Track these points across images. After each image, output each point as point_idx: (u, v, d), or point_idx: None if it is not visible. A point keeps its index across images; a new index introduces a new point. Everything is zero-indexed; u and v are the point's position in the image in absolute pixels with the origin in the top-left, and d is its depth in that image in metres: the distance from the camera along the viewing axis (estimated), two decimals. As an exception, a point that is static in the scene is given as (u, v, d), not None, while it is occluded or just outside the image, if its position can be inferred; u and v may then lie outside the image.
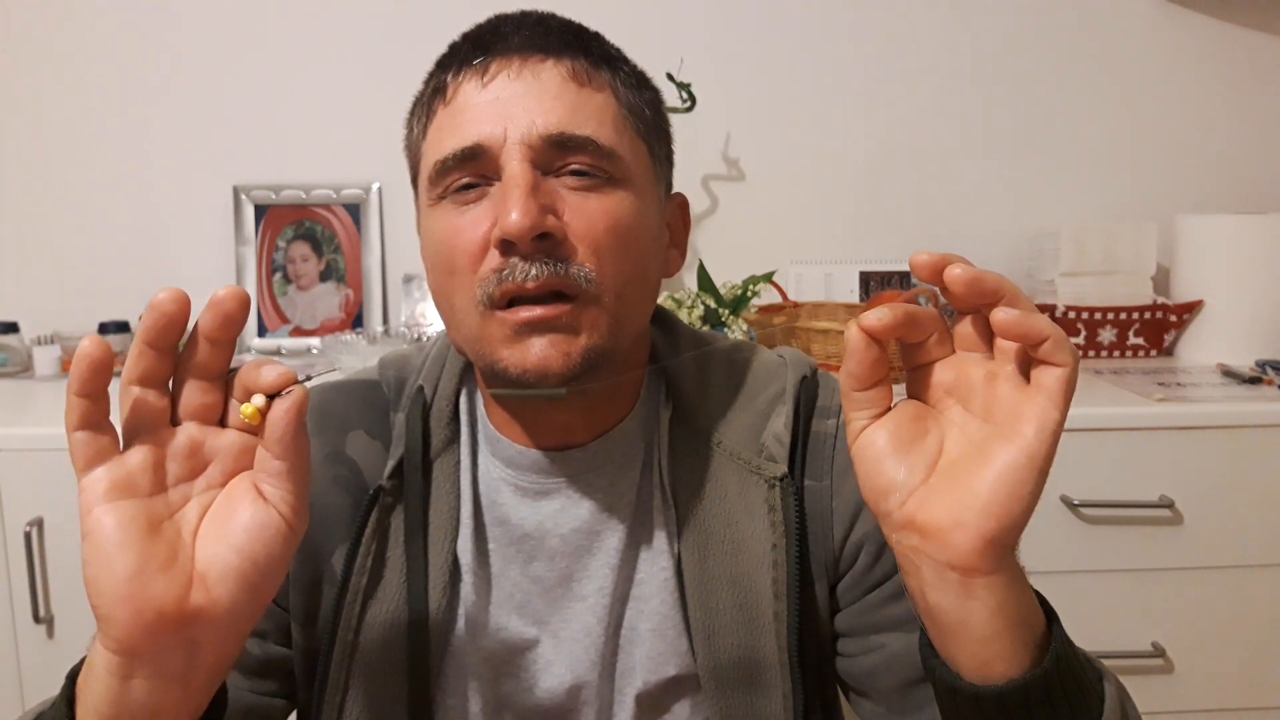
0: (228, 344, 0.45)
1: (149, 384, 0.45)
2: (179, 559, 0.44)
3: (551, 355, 0.57)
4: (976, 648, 0.47)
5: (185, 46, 1.72)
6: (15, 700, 1.25)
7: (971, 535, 0.45)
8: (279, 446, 0.45)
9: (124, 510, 0.43)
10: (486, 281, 0.57)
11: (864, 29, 1.75)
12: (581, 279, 0.57)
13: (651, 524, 0.66)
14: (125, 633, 0.43)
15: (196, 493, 0.46)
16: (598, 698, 0.66)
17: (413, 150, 0.65)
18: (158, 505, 0.45)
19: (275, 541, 0.46)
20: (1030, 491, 0.45)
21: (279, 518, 0.46)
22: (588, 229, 0.57)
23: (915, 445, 0.48)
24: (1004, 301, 0.45)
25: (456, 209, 0.59)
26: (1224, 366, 1.48)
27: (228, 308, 0.44)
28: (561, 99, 0.58)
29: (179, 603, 0.43)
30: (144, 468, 0.45)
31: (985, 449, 0.46)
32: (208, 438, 0.47)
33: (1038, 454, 0.45)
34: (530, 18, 0.63)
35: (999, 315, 0.45)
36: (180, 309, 0.43)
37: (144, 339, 0.44)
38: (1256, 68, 1.76)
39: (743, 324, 1.54)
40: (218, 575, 0.45)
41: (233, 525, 0.45)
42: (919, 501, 0.47)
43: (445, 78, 0.61)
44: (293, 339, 1.75)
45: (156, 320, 0.43)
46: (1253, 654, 1.30)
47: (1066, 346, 0.44)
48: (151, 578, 0.43)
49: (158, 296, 0.43)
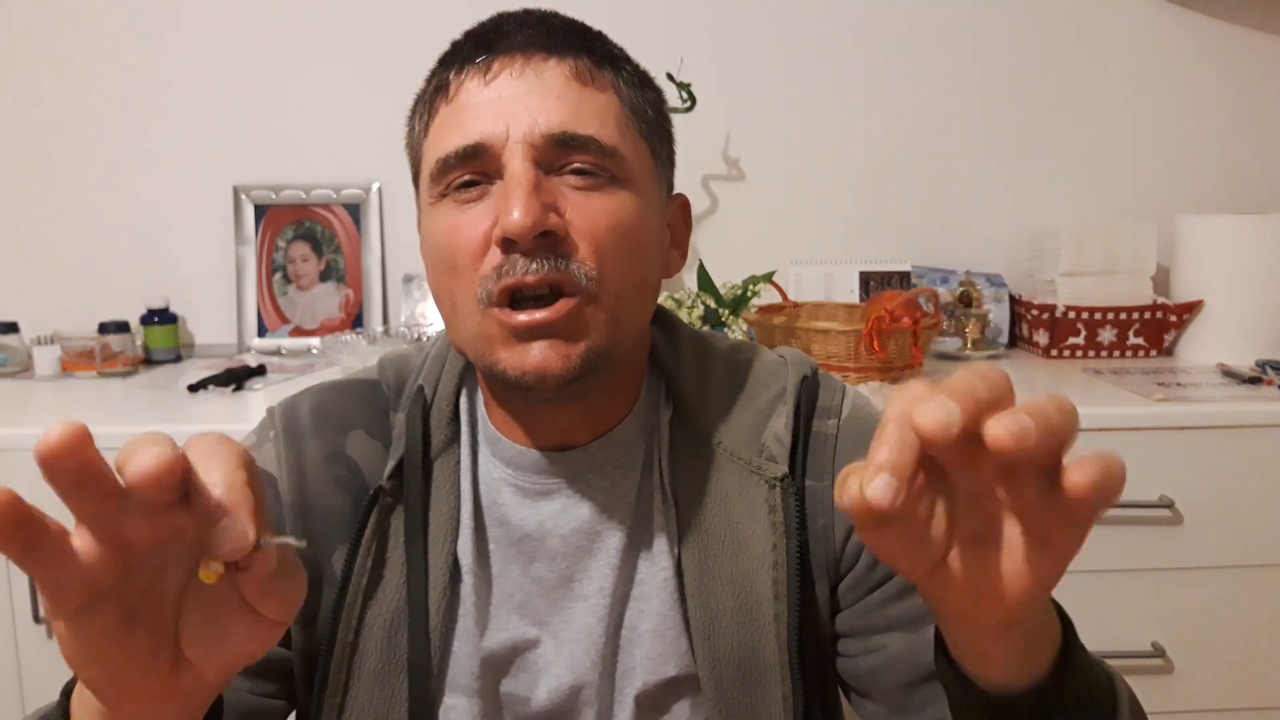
0: (85, 483, 0.35)
1: (82, 505, 0.36)
2: (162, 647, 0.39)
3: (551, 358, 0.57)
4: (1001, 670, 0.47)
5: (185, 47, 1.72)
6: (15, 700, 1.25)
7: (998, 616, 0.42)
8: (261, 604, 0.39)
9: (90, 620, 0.37)
10: (487, 279, 0.57)
11: (864, 29, 1.75)
12: (582, 276, 0.57)
13: (652, 524, 0.66)
14: (117, 709, 0.41)
15: (171, 560, 0.39)
16: (598, 698, 0.66)
17: (414, 148, 0.65)
18: (128, 592, 0.38)
19: (263, 640, 0.41)
20: (1055, 582, 0.41)
21: (277, 629, 0.41)
22: (589, 228, 0.57)
23: (927, 524, 0.40)
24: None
25: (458, 207, 0.59)
26: (1224, 366, 1.48)
27: (53, 461, 0.34)
28: (564, 98, 0.58)
29: (167, 685, 0.40)
30: (99, 562, 0.36)
31: (1010, 546, 0.40)
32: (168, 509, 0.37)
33: (1063, 572, 0.40)
34: (533, 16, 0.62)
35: (1094, 475, 0.35)
36: (65, 450, 0.34)
37: (49, 483, 0.35)
38: (1256, 68, 1.77)
39: (743, 324, 1.54)
40: (206, 667, 0.40)
41: (228, 642, 0.40)
42: (939, 578, 0.41)
43: (448, 75, 0.61)
44: (293, 339, 1.75)
45: (48, 472, 0.35)
46: (1253, 654, 1.30)
47: (1119, 492, 0.37)
48: (135, 674, 0.39)
49: (41, 439, 0.34)
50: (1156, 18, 1.75)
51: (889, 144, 1.78)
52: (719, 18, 1.74)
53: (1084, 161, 1.79)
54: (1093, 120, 1.78)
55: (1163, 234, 1.64)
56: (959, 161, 1.78)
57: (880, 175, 1.78)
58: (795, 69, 1.76)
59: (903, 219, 1.79)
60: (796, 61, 1.76)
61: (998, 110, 1.77)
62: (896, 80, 1.76)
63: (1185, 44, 1.76)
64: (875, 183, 1.79)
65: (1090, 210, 1.79)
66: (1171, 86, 1.77)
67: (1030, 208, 1.79)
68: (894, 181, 1.79)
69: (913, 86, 1.77)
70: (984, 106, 1.77)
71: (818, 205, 1.79)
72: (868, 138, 1.78)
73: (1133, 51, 1.76)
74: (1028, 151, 1.78)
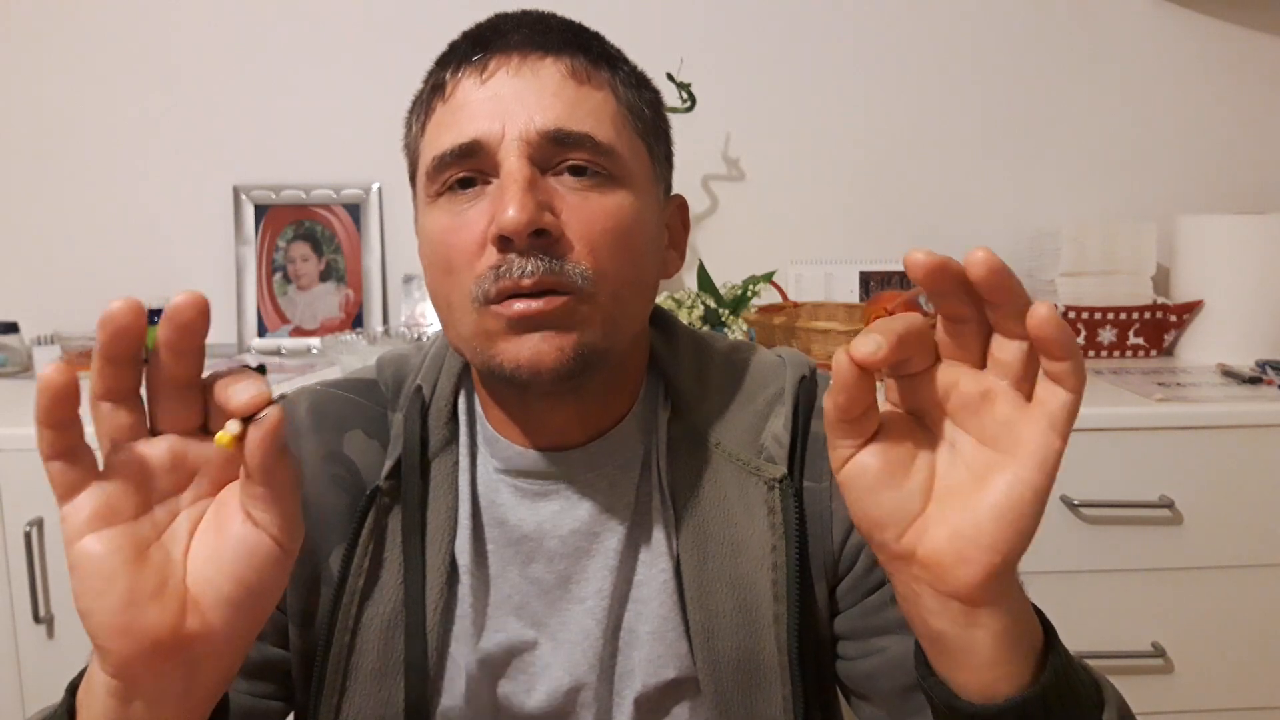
0: (192, 352, 0.42)
1: (116, 399, 0.42)
2: (170, 584, 0.43)
3: (545, 350, 0.56)
4: (980, 672, 0.46)
5: (185, 47, 1.72)
6: (15, 700, 1.25)
7: (976, 570, 0.43)
8: (260, 474, 0.43)
9: (108, 540, 0.42)
10: (483, 279, 0.57)
11: (864, 29, 1.75)
12: (578, 276, 0.56)
13: (650, 525, 0.66)
14: (122, 662, 0.42)
15: (184, 506, 0.45)
16: (596, 700, 0.66)
17: (411, 148, 0.65)
18: (143, 527, 0.43)
19: (267, 565, 0.44)
20: (1033, 523, 0.43)
21: (269, 541, 0.44)
22: (585, 228, 0.57)
23: (907, 470, 0.45)
24: (1021, 301, 0.41)
25: (454, 206, 0.59)
26: (1224, 366, 1.48)
27: (185, 317, 0.41)
28: (560, 96, 0.58)
29: (174, 630, 0.42)
30: (125, 489, 0.42)
31: (985, 478, 0.43)
32: (190, 448, 0.44)
33: (1042, 487, 0.43)
34: (530, 16, 0.62)
35: (1042, 311, 0.40)
36: (134, 318, 0.40)
37: (101, 354, 0.41)
38: (1256, 68, 1.76)
39: (743, 324, 1.54)
40: (212, 602, 0.43)
41: (223, 549, 0.44)
42: (917, 534, 0.45)
43: (444, 75, 0.61)
44: (293, 339, 1.75)
45: (112, 333, 0.40)
46: (1253, 654, 1.30)
47: (1082, 370, 0.41)
48: (144, 608, 0.42)
49: (110, 307, 0.40)
50: (1156, 18, 1.75)
51: (889, 144, 1.78)
52: (719, 18, 1.74)
53: (1084, 161, 1.79)
54: (1093, 120, 1.78)
55: (1163, 234, 1.64)
56: (959, 161, 1.78)
57: (880, 175, 1.78)
58: (795, 69, 1.76)
59: (903, 219, 1.79)
60: (796, 62, 1.76)
61: (998, 110, 1.77)
62: (896, 80, 1.76)
63: (1185, 44, 1.76)
64: (875, 183, 1.79)
65: (1090, 210, 1.79)
66: (1171, 86, 1.77)
67: (1030, 208, 1.79)
68: (894, 182, 1.79)
69: (913, 86, 1.77)
70: (984, 106, 1.77)
71: (818, 205, 1.79)
72: (868, 138, 1.77)
73: (1133, 51, 1.76)
74: (1028, 151, 1.78)
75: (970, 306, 0.43)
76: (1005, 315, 0.42)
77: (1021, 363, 0.43)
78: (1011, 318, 0.42)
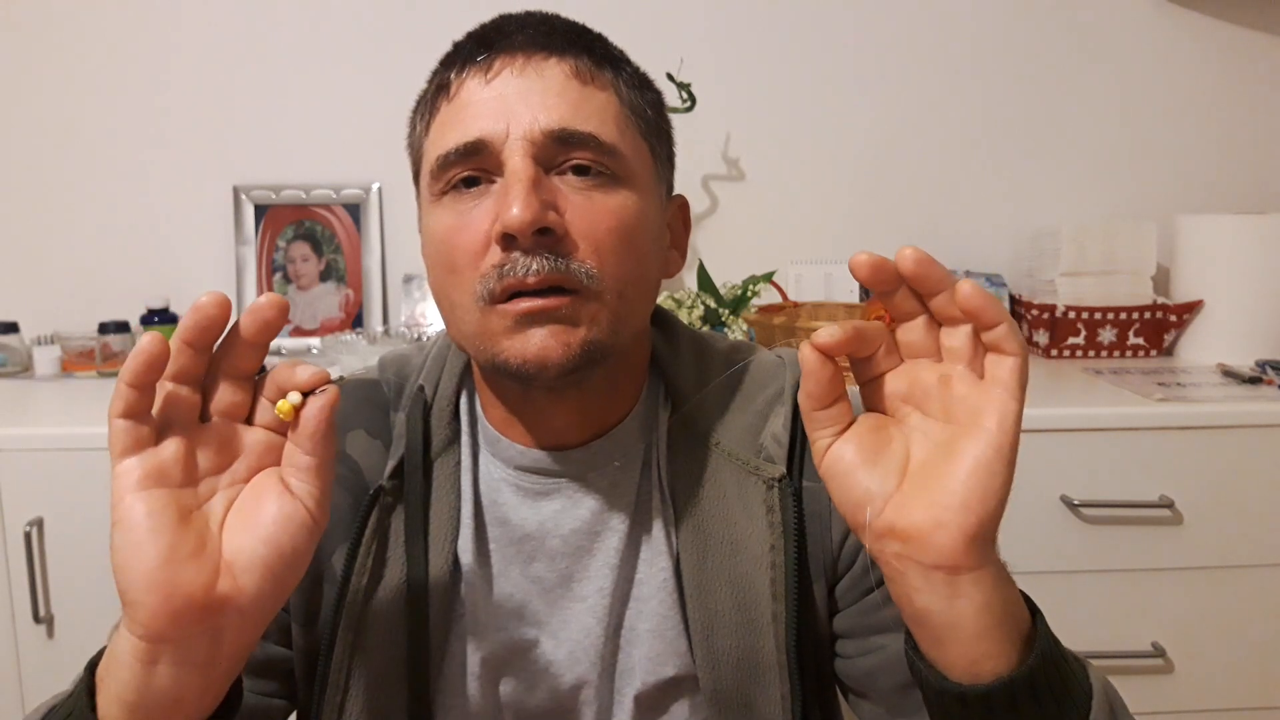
0: (263, 347, 0.48)
1: (185, 380, 0.47)
2: (207, 547, 0.46)
3: (551, 345, 0.56)
4: (965, 647, 0.47)
5: (185, 46, 1.72)
6: (15, 700, 1.25)
7: (953, 533, 0.45)
8: (310, 442, 0.47)
9: (156, 499, 0.45)
10: (487, 277, 0.57)
11: (864, 29, 1.75)
12: (583, 275, 0.57)
13: (650, 524, 0.66)
14: (153, 617, 0.44)
15: (223, 486, 0.48)
16: (597, 698, 0.66)
17: (415, 147, 0.65)
18: (187, 496, 0.47)
19: (300, 533, 0.48)
20: (1002, 483, 0.46)
21: (304, 510, 0.48)
22: (589, 227, 0.57)
23: (882, 454, 0.48)
24: (949, 286, 0.46)
25: (458, 205, 0.59)
26: (1224, 366, 1.48)
27: (268, 315, 0.46)
28: (564, 96, 0.58)
29: (206, 589, 0.45)
30: (176, 459, 0.46)
31: (952, 448, 0.46)
32: (236, 434, 0.49)
33: (1004, 445, 0.45)
34: (534, 17, 0.63)
35: (965, 287, 0.45)
36: (222, 312, 0.45)
37: (184, 338, 0.46)
38: (1256, 68, 1.77)
39: (743, 324, 1.54)
40: (244, 565, 0.46)
41: (260, 517, 0.47)
42: (896, 508, 0.47)
43: (449, 75, 0.61)
44: (293, 339, 1.75)
45: (199, 321, 0.45)
46: (1253, 654, 1.30)
47: (1017, 334, 0.45)
48: (180, 565, 0.45)
49: (201, 299, 0.45)
50: (1156, 18, 1.75)
51: (889, 144, 1.78)
52: (719, 18, 1.74)
53: (1084, 161, 1.79)
54: (1093, 120, 1.78)
55: (1163, 234, 1.64)
56: (959, 161, 1.78)
57: (880, 175, 1.78)
58: (795, 69, 1.76)
59: (903, 219, 1.79)
60: (796, 62, 1.76)
61: (997, 110, 1.77)
62: (896, 80, 1.76)
63: (1185, 44, 1.76)
64: (875, 183, 1.79)
65: (1090, 210, 1.79)
66: (1171, 86, 1.77)
67: (1030, 208, 1.79)
68: (894, 181, 1.79)
69: (913, 86, 1.77)
70: (984, 106, 1.77)
71: (818, 205, 1.79)
72: (867, 138, 1.78)
73: (1132, 51, 1.76)
74: (1028, 151, 1.78)
75: (915, 302, 0.47)
76: (942, 304, 0.46)
77: (968, 345, 0.47)
78: (947, 304, 0.46)
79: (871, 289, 0.47)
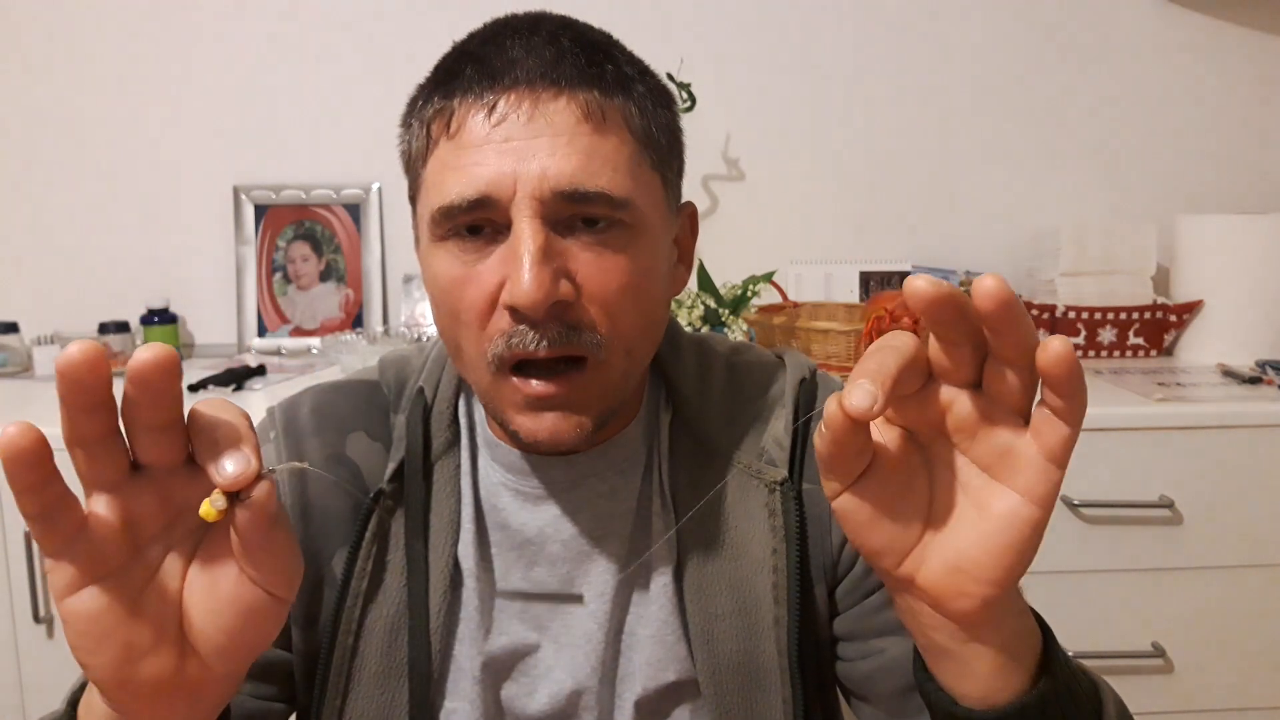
0: (160, 398, 0.38)
1: (89, 444, 0.38)
2: (166, 633, 0.42)
3: (564, 428, 0.57)
4: (980, 682, 0.47)
5: (186, 47, 1.72)
6: (15, 700, 1.25)
7: (973, 602, 0.44)
8: (249, 551, 0.41)
9: (96, 599, 0.40)
10: (495, 344, 0.56)
11: (864, 29, 1.75)
12: (593, 346, 0.56)
13: (651, 529, 0.66)
14: (123, 703, 0.42)
15: (176, 543, 0.42)
16: (598, 703, 0.66)
17: (412, 168, 0.61)
18: (134, 574, 0.41)
19: (265, 620, 0.43)
20: (1030, 555, 0.43)
21: (266, 598, 0.42)
22: (600, 289, 0.56)
23: (902, 498, 0.45)
24: (1029, 334, 0.39)
25: (463, 255, 0.57)
26: (1224, 366, 1.48)
27: (147, 377, 0.37)
28: (574, 144, 0.55)
29: (174, 676, 0.42)
30: (110, 535, 0.40)
31: (986, 508, 0.43)
32: (175, 482, 0.41)
33: (1040, 521, 0.42)
34: (539, 36, 0.57)
35: (1058, 346, 0.38)
36: (87, 371, 0.36)
37: (63, 403, 0.37)
38: (1256, 68, 1.76)
39: (743, 324, 1.54)
40: (210, 652, 0.43)
41: (219, 605, 0.42)
42: (915, 563, 0.45)
43: (451, 103, 0.57)
44: (292, 339, 1.75)
45: (67, 385, 0.37)
46: (1253, 654, 1.30)
47: (1084, 408, 0.40)
48: (140, 662, 0.41)
49: (66, 353, 0.36)
50: (1156, 18, 1.75)
51: (889, 144, 1.78)
52: (719, 18, 1.74)
53: (1084, 161, 1.79)
54: (1093, 120, 1.78)
55: (1163, 234, 1.64)
56: (959, 161, 1.78)
57: (880, 175, 1.78)
58: (795, 69, 1.76)
59: (902, 219, 1.79)
60: (796, 62, 1.76)
61: (997, 110, 1.77)
62: (896, 80, 1.76)
63: (1185, 44, 1.76)
64: (875, 183, 1.79)
65: (1090, 210, 1.79)
66: (1172, 86, 1.77)
67: (1030, 208, 1.79)
68: (894, 181, 1.79)
69: (913, 86, 1.77)
70: (984, 106, 1.77)
71: (818, 205, 1.79)
72: (868, 138, 1.77)
73: (1133, 51, 1.76)
74: (1028, 151, 1.78)
75: (970, 333, 0.40)
76: (1010, 345, 0.39)
77: (1020, 390, 0.41)
78: (1017, 348, 0.39)
79: (925, 319, 0.40)
